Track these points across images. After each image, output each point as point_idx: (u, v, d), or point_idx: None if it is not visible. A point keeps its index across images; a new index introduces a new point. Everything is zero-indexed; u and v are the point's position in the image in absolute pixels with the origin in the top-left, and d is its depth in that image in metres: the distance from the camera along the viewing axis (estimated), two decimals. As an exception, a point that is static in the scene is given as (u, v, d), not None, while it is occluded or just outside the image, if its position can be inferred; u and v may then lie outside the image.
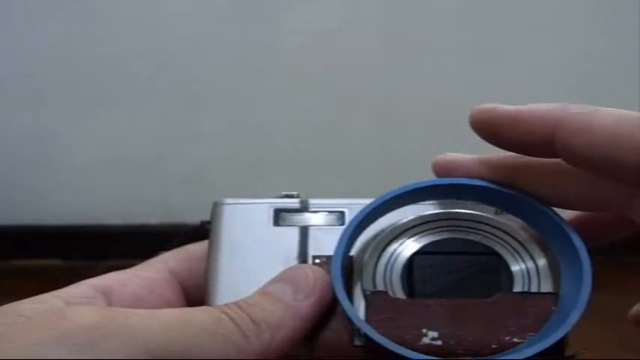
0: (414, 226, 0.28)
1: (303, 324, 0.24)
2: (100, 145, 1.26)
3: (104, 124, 1.24)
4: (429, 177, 0.29)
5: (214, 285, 0.27)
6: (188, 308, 0.24)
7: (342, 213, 0.29)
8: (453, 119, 1.22)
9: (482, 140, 0.25)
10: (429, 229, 0.27)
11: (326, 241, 0.27)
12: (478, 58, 1.16)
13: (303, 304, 0.24)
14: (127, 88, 1.22)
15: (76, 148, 1.26)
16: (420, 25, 1.16)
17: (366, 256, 0.27)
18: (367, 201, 0.28)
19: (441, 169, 0.27)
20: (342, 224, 0.28)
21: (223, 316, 0.23)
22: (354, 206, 0.28)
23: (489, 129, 0.25)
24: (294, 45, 1.18)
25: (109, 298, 0.27)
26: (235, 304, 0.24)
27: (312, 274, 0.25)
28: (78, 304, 0.26)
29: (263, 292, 0.25)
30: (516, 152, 0.25)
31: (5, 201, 1.30)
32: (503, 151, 0.26)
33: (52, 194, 1.29)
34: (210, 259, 0.28)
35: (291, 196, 0.29)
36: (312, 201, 0.29)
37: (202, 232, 0.31)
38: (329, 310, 0.25)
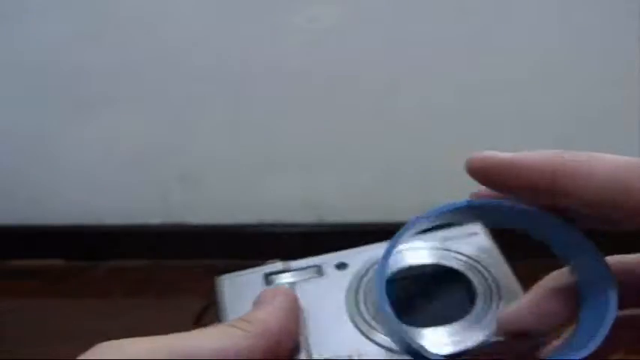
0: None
1: (280, 313, 0.29)
2: (100, 145, 1.26)
3: (104, 124, 1.24)
4: (429, 176, 0.30)
5: None
6: (195, 332, 0.29)
7: (319, 267, 0.35)
8: (454, 119, 1.22)
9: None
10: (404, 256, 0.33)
11: (311, 290, 0.33)
12: (479, 58, 1.16)
13: (272, 302, 0.30)
14: (127, 89, 1.22)
15: (76, 148, 1.26)
16: (420, 25, 1.16)
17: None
18: (338, 253, 0.35)
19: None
20: (321, 275, 0.34)
21: (223, 325, 0.29)
22: (327, 259, 0.35)
23: (487, 177, 0.26)
24: (295, 45, 1.18)
25: None
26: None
27: (268, 290, 0.32)
28: None
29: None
30: (515, 198, 0.26)
31: (6, 201, 1.30)
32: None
33: (53, 194, 1.29)
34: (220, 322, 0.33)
35: (274, 261, 0.35)
36: (293, 263, 0.35)
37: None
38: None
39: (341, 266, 0.34)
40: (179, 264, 1.26)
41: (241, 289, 0.34)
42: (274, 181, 1.24)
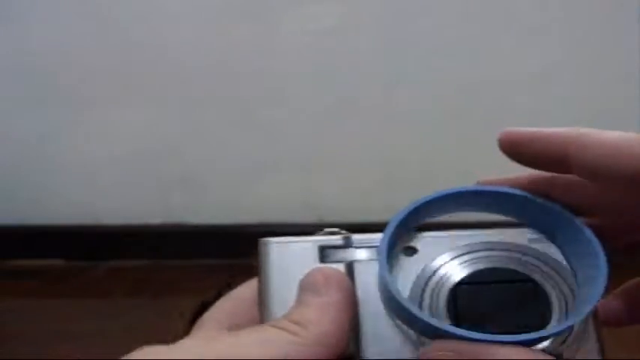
0: (455, 257, 0.30)
1: (336, 314, 0.27)
2: (100, 145, 1.26)
3: (104, 124, 1.24)
4: (428, 175, 0.30)
5: (268, 318, 0.29)
6: (240, 332, 0.27)
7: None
8: (454, 119, 1.22)
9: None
10: (469, 260, 0.30)
11: (371, 274, 0.29)
12: (478, 58, 1.16)
13: (324, 299, 0.27)
14: (127, 89, 1.22)
15: (76, 148, 1.26)
16: (419, 25, 1.16)
17: (413, 287, 0.29)
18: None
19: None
20: None
21: (266, 326, 0.27)
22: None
23: (513, 148, 0.29)
24: (295, 45, 1.18)
25: None
26: (274, 319, 0.28)
27: (319, 274, 0.28)
28: None
29: (291, 305, 0.28)
30: (537, 168, 0.29)
31: (6, 201, 1.30)
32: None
33: (53, 194, 1.29)
34: (261, 297, 0.30)
35: (334, 233, 0.31)
36: (354, 237, 0.31)
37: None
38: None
39: (409, 251, 0.30)
40: (179, 264, 1.26)
41: (290, 261, 0.30)
42: (274, 182, 1.24)
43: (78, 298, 1.20)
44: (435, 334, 0.26)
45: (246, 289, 0.32)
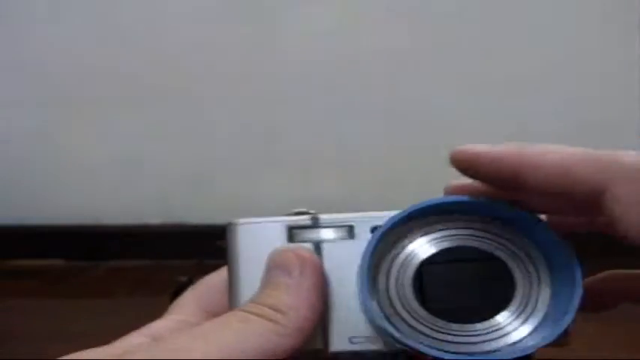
0: (421, 237, 0.30)
1: (312, 296, 0.27)
2: (100, 145, 1.26)
3: (104, 124, 1.24)
4: (429, 175, 0.30)
5: (236, 300, 0.29)
6: (217, 324, 0.26)
7: (351, 227, 0.30)
8: (454, 119, 1.22)
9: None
10: (436, 239, 0.29)
11: (338, 254, 0.29)
12: (479, 58, 1.16)
13: (299, 282, 0.27)
14: (128, 89, 1.22)
15: (76, 149, 1.26)
16: (420, 25, 1.16)
17: (379, 268, 0.29)
18: (374, 214, 0.30)
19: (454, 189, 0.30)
20: (352, 237, 0.30)
21: (246, 314, 0.26)
22: (362, 220, 0.30)
23: (464, 169, 0.28)
24: (295, 45, 1.18)
25: None
26: (249, 302, 0.27)
27: (292, 255, 0.28)
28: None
29: (263, 284, 0.28)
30: (489, 185, 0.28)
31: (6, 201, 1.30)
32: None
33: (53, 194, 1.29)
34: (230, 276, 0.30)
35: (302, 213, 0.31)
36: (322, 217, 0.30)
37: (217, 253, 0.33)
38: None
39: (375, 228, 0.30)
40: (179, 264, 1.26)
41: (258, 241, 0.30)
42: (274, 182, 1.24)
43: (78, 298, 1.20)
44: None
45: (218, 275, 0.32)
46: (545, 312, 0.28)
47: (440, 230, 0.30)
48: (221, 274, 0.31)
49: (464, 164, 0.28)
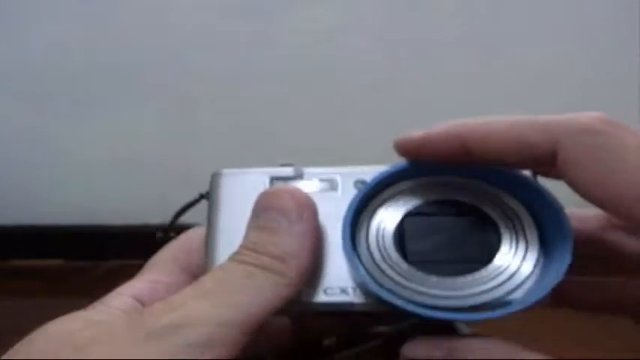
0: (404, 190, 0.29)
1: (311, 242, 0.26)
2: (99, 145, 1.26)
3: (104, 124, 1.24)
4: None
5: (214, 251, 0.28)
6: (220, 282, 0.25)
7: (335, 180, 0.30)
8: (454, 119, 1.22)
9: None
10: (419, 192, 0.28)
11: (321, 207, 0.28)
12: (479, 59, 1.16)
13: (298, 228, 0.26)
14: (127, 88, 1.22)
15: (75, 148, 1.26)
16: (420, 26, 1.16)
17: (360, 219, 0.28)
18: (359, 168, 0.30)
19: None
20: (336, 191, 0.29)
21: (249, 267, 0.25)
22: (346, 173, 0.30)
23: (410, 155, 0.28)
24: (295, 45, 1.18)
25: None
26: (245, 249, 0.26)
27: (289, 197, 0.27)
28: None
29: (257, 227, 0.26)
30: (442, 163, 0.28)
31: (5, 201, 1.30)
32: None
33: (53, 194, 1.29)
34: (209, 228, 0.29)
35: (287, 165, 0.30)
36: (306, 170, 0.30)
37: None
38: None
39: (361, 184, 0.29)
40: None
41: (241, 191, 0.29)
42: (274, 181, 1.24)
43: (78, 298, 1.20)
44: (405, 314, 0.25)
45: (196, 233, 0.31)
46: (533, 267, 0.27)
47: (425, 185, 0.29)
48: (199, 232, 0.31)
49: (410, 151, 0.28)
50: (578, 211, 0.29)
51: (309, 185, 0.29)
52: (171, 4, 1.18)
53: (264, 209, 0.27)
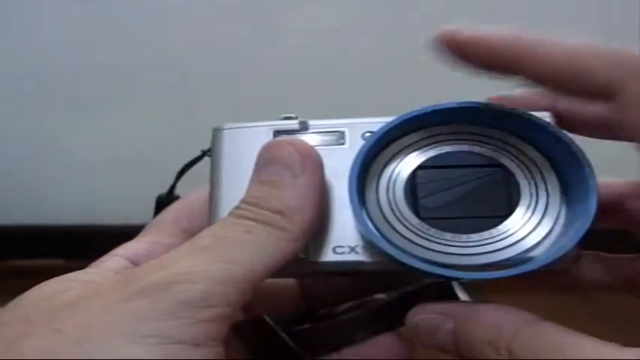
0: (416, 142, 0.27)
1: (315, 196, 0.24)
2: (99, 145, 1.26)
3: (104, 124, 1.24)
4: None
5: (217, 208, 0.27)
6: (218, 237, 0.24)
7: (342, 133, 0.28)
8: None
9: None
10: (432, 144, 0.27)
11: (326, 161, 0.26)
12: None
13: (302, 181, 0.24)
14: (127, 88, 1.22)
15: (75, 148, 1.26)
16: (420, 26, 1.16)
17: (369, 173, 0.26)
18: (367, 119, 0.28)
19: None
20: (343, 144, 0.27)
21: (249, 222, 0.23)
22: (354, 125, 0.28)
23: (457, 50, 0.26)
24: (295, 45, 1.17)
25: None
26: (246, 203, 0.24)
27: (293, 149, 0.25)
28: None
29: (259, 180, 0.25)
30: (477, 70, 0.26)
31: (5, 201, 1.30)
32: None
33: (52, 194, 1.29)
34: (212, 184, 0.28)
35: (291, 118, 0.29)
36: (311, 122, 0.29)
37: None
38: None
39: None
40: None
41: (243, 146, 0.27)
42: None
43: (78, 298, 1.20)
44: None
45: (200, 194, 0.30)
46: (553, 222, 0.25)
47: (436, 135, 0.27)
48: (203, 192, 0.30)
49: (454, 47, 0.26)
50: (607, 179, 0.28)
51: (314, 139, 0.28)
52: (170, 3, 1.18)
53: (266, 162, 0.25)
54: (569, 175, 0.25)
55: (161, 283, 0.22)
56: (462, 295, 0.27)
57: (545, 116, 0.26)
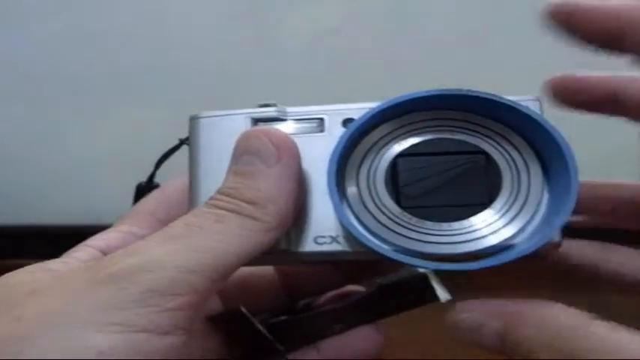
0: (397, 129, 0.26)
1: (291, 186, 0.24)
2: (100, 144, 1.26)
3: (104, 123, 1.24)
4: None
5: (196, 197, 0.27)
6: (189, 226, 0.23)
7: (321, 120, 0.27)
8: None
9: None
10: (413, 130, 0.26)
11: (305, 149, 0.26)
12: (479, 59, 1.16)
13: (276, 170, 0.24)
14: (127, 88, 1.22)
15: (75, 148, 1.26)
16: (420, 25, 1.16)
17: (349, 162, 0.26)
18: (347, 106, 0.27)
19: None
20: (322, 131, 0.27)
21: (221, 211, 0.23)
22: (333, 112, 0.27)
23: (566, 21, 0.25)
24: (295, 45, 1.17)
25: None
26: (220, 194, 0.24)
27: (265, 138, 0.25)
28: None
29: (234, 171, 0.25)
30: (589, 45, 0.25)
31: (5, 201, 1.30)
32: None
33: (52, 194, 1.29)
34: (191, 174, 0.28)
35: (268, 105, 0.29)
36: (289, 109, 0.28)
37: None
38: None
39: (349, 123, 0.27)
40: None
41: (221, 135, 0.26)
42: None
43: (78, 298, 1.20)
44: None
45: (178, 183, 0.30)
46: (535, 210, 0.25)
47: (418, 122, 0.26)
48: (182, 182, 0.29)
49: (560, 16, 0.25)
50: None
51: (293, 126, 0.27)
52: (171, 4, 1.18)
53: (241, 153, 0.25)
54: (552, 162, 0.25)
55: (129, 271, 0.21)
56: (438, 287, 0.26)
57: (530, 103, 0.26)
